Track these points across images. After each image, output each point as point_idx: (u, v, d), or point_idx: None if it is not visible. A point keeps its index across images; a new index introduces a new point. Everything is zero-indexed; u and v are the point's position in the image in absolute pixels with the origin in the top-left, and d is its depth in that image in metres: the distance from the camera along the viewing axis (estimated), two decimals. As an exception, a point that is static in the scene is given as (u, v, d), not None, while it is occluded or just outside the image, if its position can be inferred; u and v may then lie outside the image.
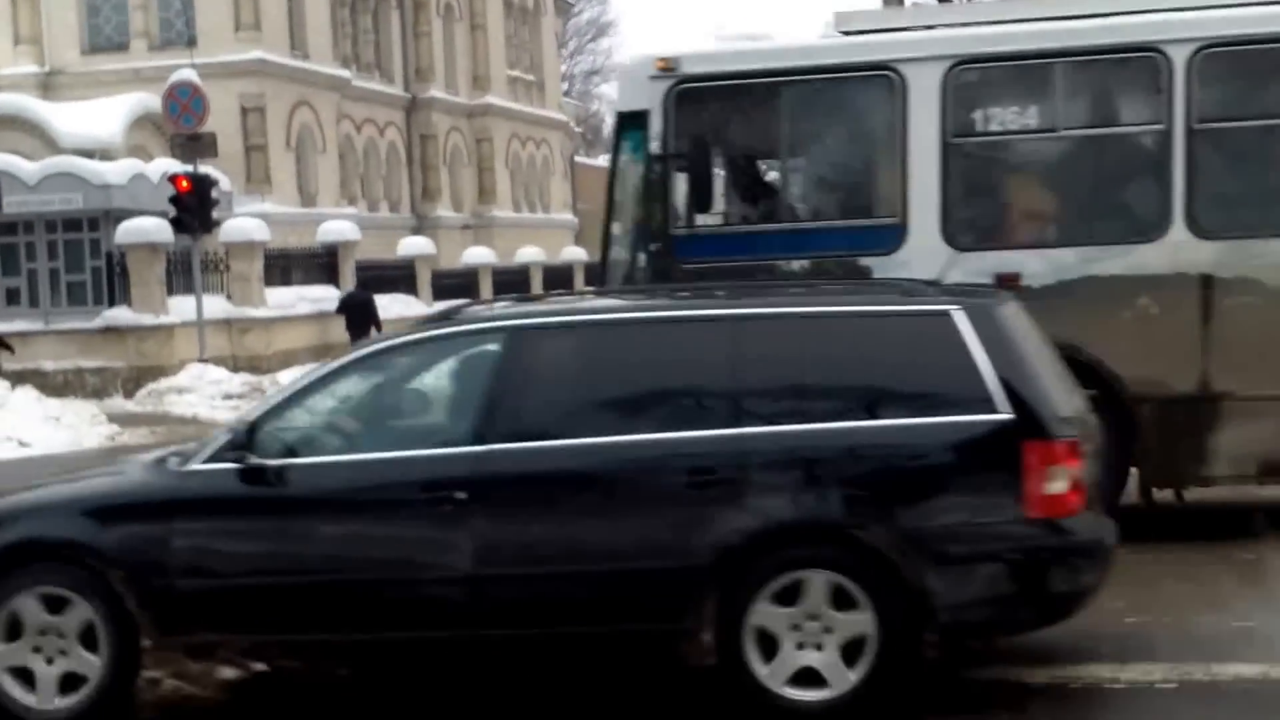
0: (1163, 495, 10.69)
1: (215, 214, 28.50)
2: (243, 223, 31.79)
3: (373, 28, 48.57)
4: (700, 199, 10.61)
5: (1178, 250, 10.09)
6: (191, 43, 38.11)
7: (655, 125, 10.47)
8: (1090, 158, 10.58)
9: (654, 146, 10.50)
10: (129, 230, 29.35)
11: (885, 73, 10.37)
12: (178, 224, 27.21)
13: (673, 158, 10.49)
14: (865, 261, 10.32)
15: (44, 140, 35.82)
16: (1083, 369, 9.94)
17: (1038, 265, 10.25)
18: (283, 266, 32.85)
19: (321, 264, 33.79)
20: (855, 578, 6.47)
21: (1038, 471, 6.45)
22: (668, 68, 10.48)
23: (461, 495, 6.68)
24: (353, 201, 44.86)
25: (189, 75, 29.67)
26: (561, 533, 6.74)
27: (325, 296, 31.92)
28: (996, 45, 10.42)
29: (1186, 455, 10.16)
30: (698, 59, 10.62)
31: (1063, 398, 6.85)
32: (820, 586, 6.51)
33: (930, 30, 10.67)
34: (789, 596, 6.55)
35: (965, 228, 10.41)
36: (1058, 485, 6.49)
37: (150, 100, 35.67)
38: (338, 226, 34.52)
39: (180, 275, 29.15)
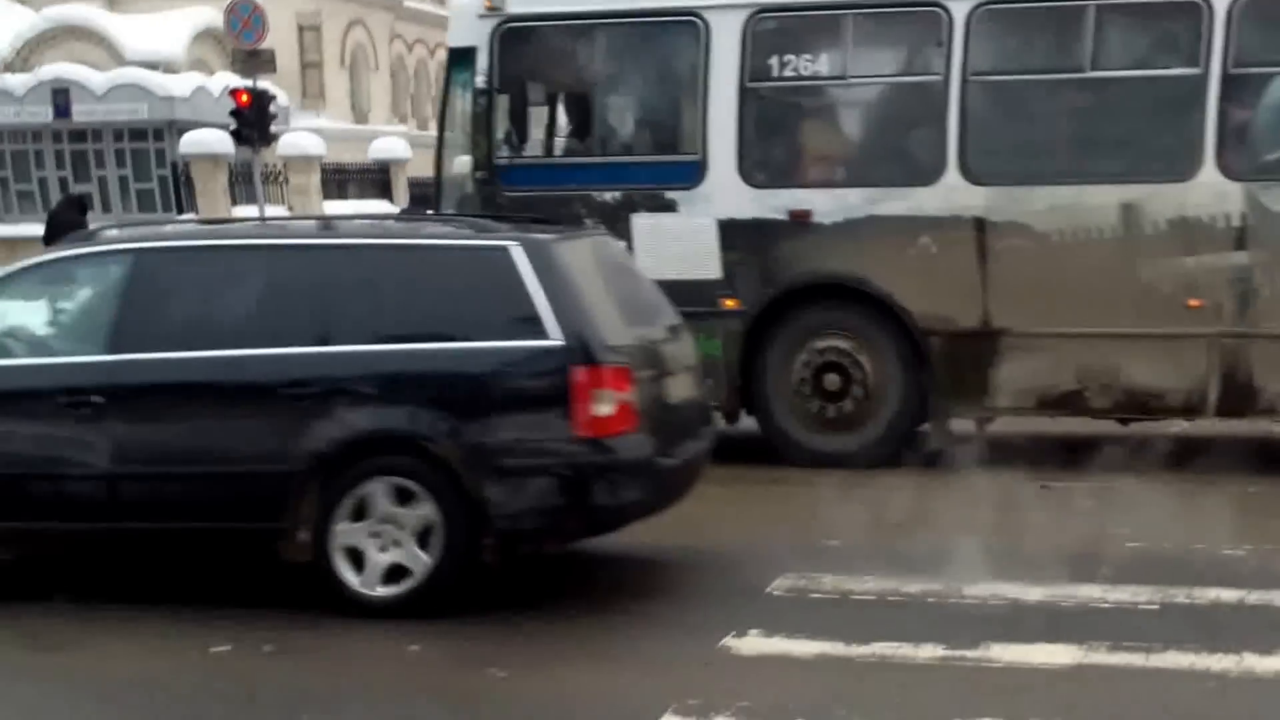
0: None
1: (273, 128, 29.55)
2: (299, 137, 32.91)
3: (425, -50, 49.27)
4: (521, 131, 11.49)
5: (952, 194, 10.73)
6: (260, -44, 38.99)
7: (482, 61, 11.28)
8: (876, 105, 11.28)
9: (480, 81, 11.30)
10: (192, 141, 30.58)
11: (691, 19, 11.08)
12: (238, 136, 28.07)
13: (497, 92, 11.30)
14: (669, 195, 11.09)
15: (110, 52, 37.10)
16: (875, 301, 10.83)
17: (827, 203, 10.95)
18: (339, 181, 34.00)
19: (375, 180, 34.89)
20: (422, 482, 7.22)
21: (585, 394, 7.06)
22: (494, 7, 11.27)
23: (98, 399, 7.47)
24: (403, 120, 45.86)
25: (251, -8, 30.63)
26: (181, 437, 7.49)
27: (380, 211, 33.02)
28: None
29: (971, 387, 10.82)
30: (523, 1, 11.40)
31: (618, 328, 7.48)
32: (391, 492, 7.26)
33: None
34: (369, 507, 7.30)
35: (760, 166, 11.10)
36: (604, 408, 7.12)
37: (212, 16, 36.68)
38: (389, 144, 35.54)
39: (241, 185, 30.33)
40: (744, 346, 10.99)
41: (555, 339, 7.19)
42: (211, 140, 29.79)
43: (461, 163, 11.56)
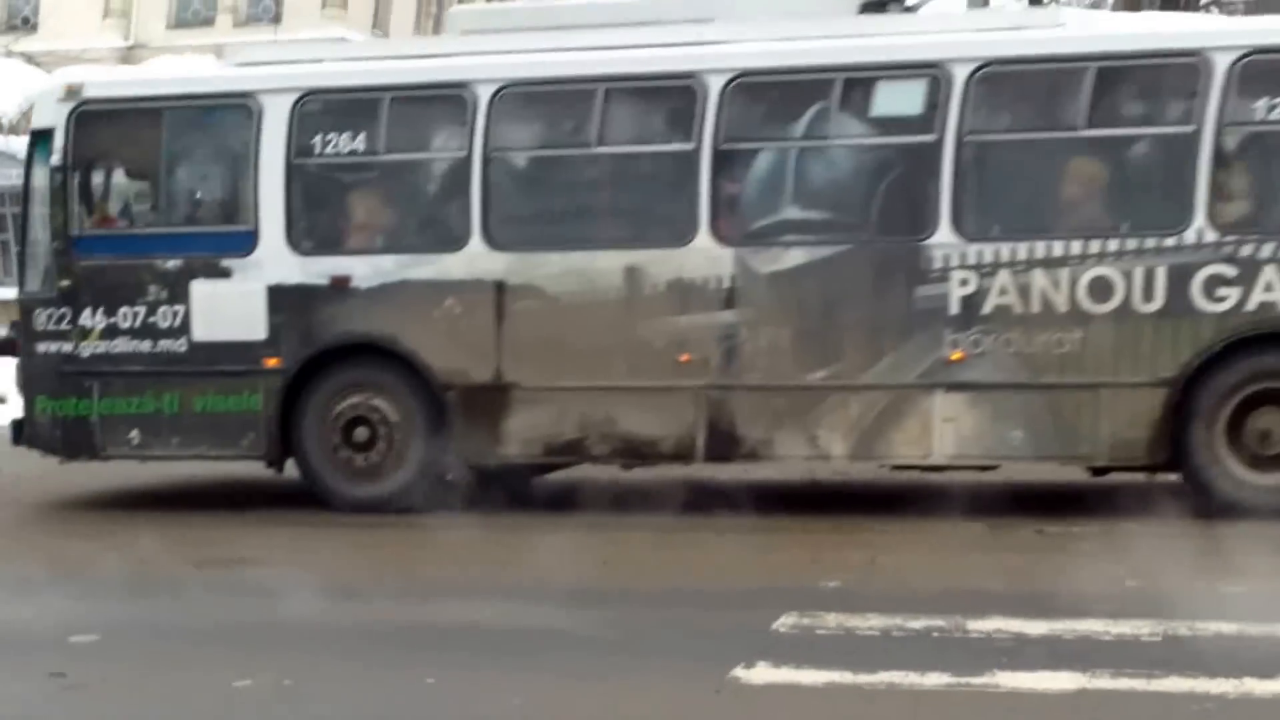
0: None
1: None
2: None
3: (456, 9, 50.61)
4: (94, 205, 12.58)
5: (475, 259, 11.69)
6: (276, 19, 40.73)
7: (59, 140, 12.34)
8: (409, 179, 12.25)
9: (57, 159, 12.35)
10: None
11: (245, 101, 12.14)
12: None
13: (72, 169, 12.36)
14: (225, 263, 12.08)
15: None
16: (401, 359, 11.87)
17: (364, 269, 11.91)
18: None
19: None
20: None
21: None
22: (72, 92, 12.44)
23: None
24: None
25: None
26: None
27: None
28: (335, 80, 12.15)
29: (486, 437, 11.77)
30: (98, 85, 12.54)
31: None
32: None
33: (284, 65, 12.46)
34: None
35: (307, 235, 12.08)
36: None
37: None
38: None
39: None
40: (283, 401, 11.97)
41: None
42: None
43: (41, 235, 12.65)
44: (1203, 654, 7.25)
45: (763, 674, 7.11)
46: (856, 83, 11.42)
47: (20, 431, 12.78)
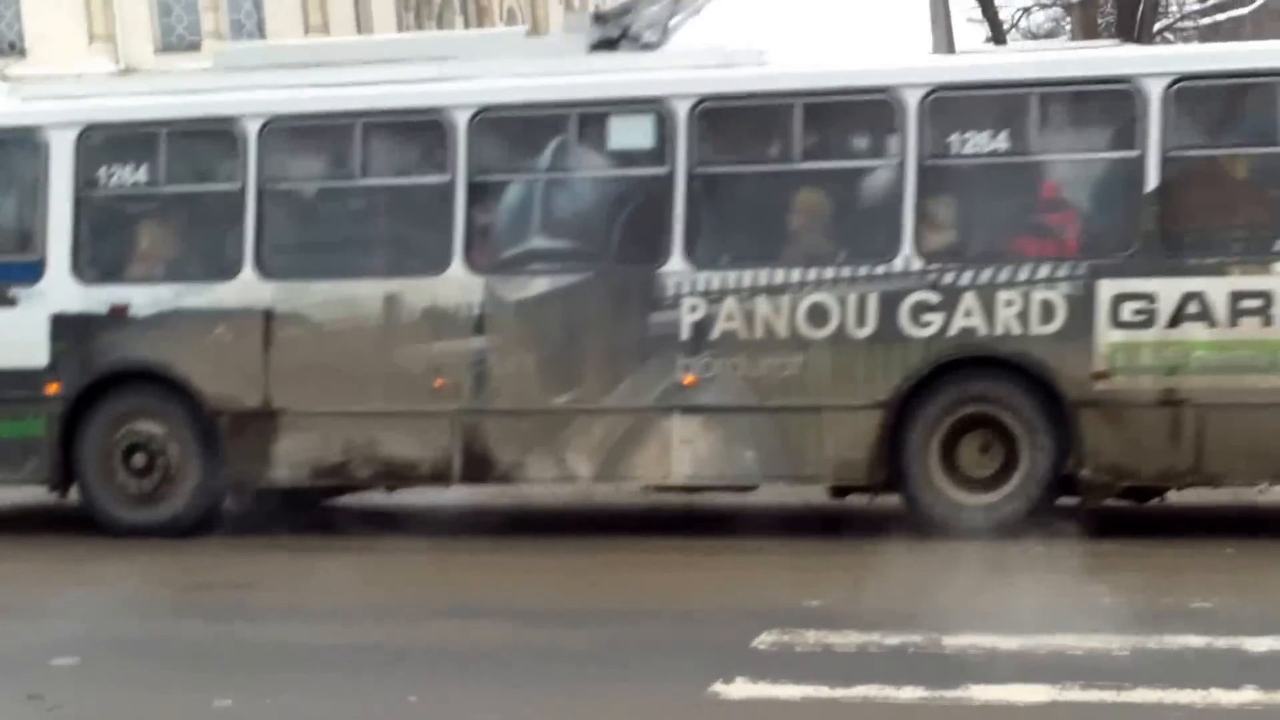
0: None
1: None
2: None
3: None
4: None
5: (246, 288, 12.03)
6: (261, 43, 41.30)
7: None
8: (186, 209, 12.57)
9: None
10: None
11: (33, 134, 12.50)
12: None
13: None
14: (12, 291, 12.45)
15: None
16: (175, 386, 12.27)
17: (143, 298, 12.24)
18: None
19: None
20: None
21: None
22: None
23: None
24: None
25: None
26: None
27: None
28: (115, 115, 12.53)
29: (255, 461, 12.08)
30: None
31: None
32: None
33: (67, 100, 12.88)
34: None
35: (88, 265, 12.41)
36: None
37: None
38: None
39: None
40: (64, 427, 12.31)
41: None
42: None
43: None
44: (1171, 666, 7.48)
45: (741, 689, 7.30)
46: (592, 118, 11.79)
47: None
